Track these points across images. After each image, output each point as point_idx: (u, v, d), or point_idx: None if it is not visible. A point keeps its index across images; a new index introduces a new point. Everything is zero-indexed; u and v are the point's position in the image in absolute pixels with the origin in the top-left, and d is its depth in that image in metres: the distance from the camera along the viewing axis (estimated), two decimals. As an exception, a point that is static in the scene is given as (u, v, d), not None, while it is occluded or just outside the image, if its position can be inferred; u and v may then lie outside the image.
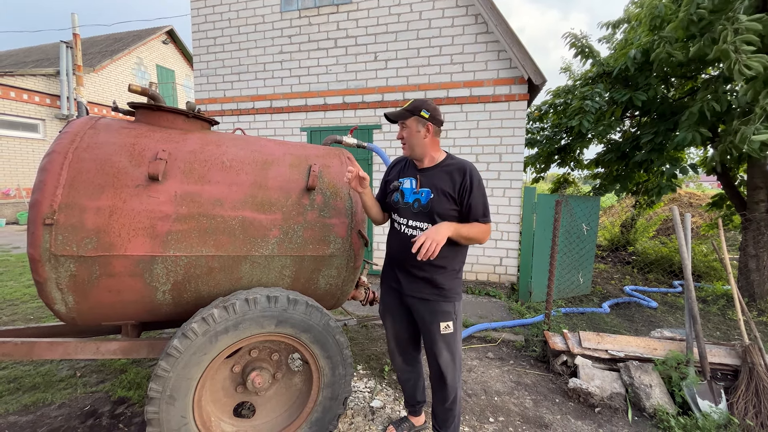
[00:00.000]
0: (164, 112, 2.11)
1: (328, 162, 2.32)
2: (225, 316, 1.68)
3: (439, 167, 1.81)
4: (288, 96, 5.14)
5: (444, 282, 1.80)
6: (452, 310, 1.82)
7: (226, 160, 2.02)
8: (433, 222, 1.74)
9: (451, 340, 1.83)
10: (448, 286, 1.81)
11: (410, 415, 2.21)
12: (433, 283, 1.81)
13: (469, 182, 1.72)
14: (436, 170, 1.80)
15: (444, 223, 1.66)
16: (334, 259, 2.16)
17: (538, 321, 3.75)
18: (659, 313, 4.34)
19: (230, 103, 5.40)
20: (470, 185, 1.71)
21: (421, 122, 1.76)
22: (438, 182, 1.77)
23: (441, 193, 1.75)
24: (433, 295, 1.81)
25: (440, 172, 1.79)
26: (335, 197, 2.18)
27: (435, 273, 1.80)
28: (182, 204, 1.83)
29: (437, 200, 1.75)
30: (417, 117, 1.76)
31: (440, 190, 1.75)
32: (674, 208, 2.79)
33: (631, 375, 2.43)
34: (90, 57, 13.47)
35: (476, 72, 4.41)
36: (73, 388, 2.51)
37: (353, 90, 4.87)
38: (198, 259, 1.86)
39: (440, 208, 1.74)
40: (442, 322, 1.81)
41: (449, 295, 1.81)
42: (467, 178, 1.72)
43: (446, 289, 1.80)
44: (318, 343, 1.88)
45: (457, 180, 1.74)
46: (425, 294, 1.83)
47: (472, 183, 1.71)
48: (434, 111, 1.77)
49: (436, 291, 1.81)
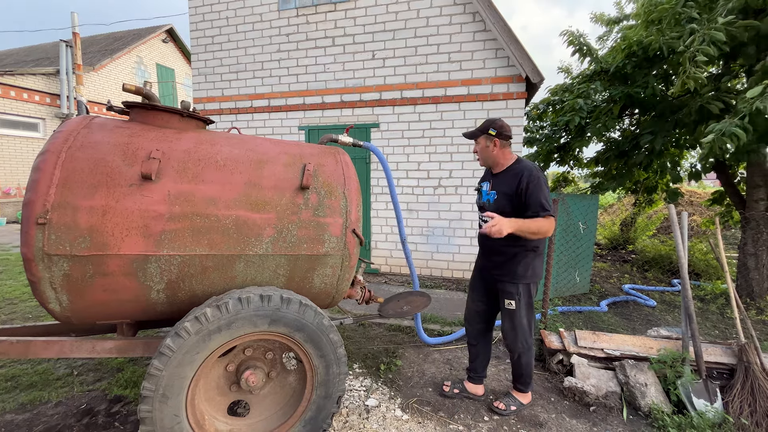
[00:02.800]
0: (159, 111, 2.11)
1: (323, 161, 2.32)
2: (218, 315, 1.68)
3: (505, 172, 2.20)
4: (286, 95, 5.14)
5: (511, 267, 2.18)
6: (515, 291, 2.17)
7: (220, 159, 2.02)
8: (517, 215, 2.09)
9: (513, 314, 2.20)
10: (514, 271, 2.17)
11: (467, 381, 2.53)
12: (502, 267, 2.21)
13: (525, 184, 2.05)
14: (503, 175, 2.20)
15: (509, 219, 1.99)
16: (328, 258, 2.16)
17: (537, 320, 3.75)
18: (657, 311, 4.34)
19: (228, 102, 5.39)
20: (527, 186, 2.05)
21: (489, 139, 2.17)
22: (502, 186, 2.18)
23: (503, 194, 2.16)
24: (502, 276, 2.22)
25: (506, 177, 2.18)
26: (330, 196, 2.18)
27: (503, 259, 2.20)
28: (176, 203, 1.83)
29: (500, 200, 2.17)
30: (486, 135, 2.18)
31: (503, 192, 2.16)
32: (671, 206, 2.79)
33: (626, 374, 2.43)
34: (90, 56, 13.48)
35: (474, 70, 4.40)
36: (70, 387, 2.52)
37: (351, 88, 4.86)
38: (192, 259, 1.86)
39: (503, 206, 2.13)
40: (506, 299, 2.21)
41: (514, 278, 2.18)
42: (524, 180, 2.06)
43: (511, 274, 2.18)
44: (312, 342, 1.88)
45: (516, 183, 2.09)
46: (496, 275, 2.25)
47: (529, 184, 2.04)
48: (500, 128, 2.15)
49: (504, 274, 2.21)
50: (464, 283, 4.74)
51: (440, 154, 4.61)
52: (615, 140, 6.26)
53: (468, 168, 4.48)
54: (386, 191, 4.88)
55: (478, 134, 2.21)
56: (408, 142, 4.76)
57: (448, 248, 4.68)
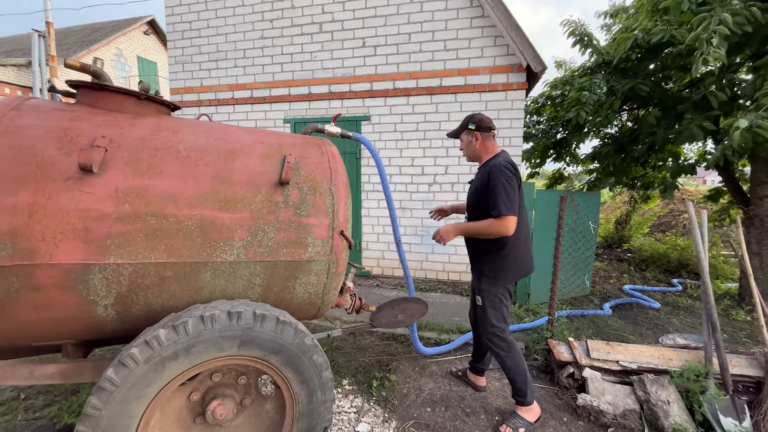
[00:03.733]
0: (109, 92, 1.79)
1: (306, 152, 2.02)
2: (174, 338, 1.37)
3: (483, 166, 2.16)
4: (270, 85, 4.79)
5: (478, 264, 2.22)
6: (484, 287, 2.16)
7: (183, 149, 1.71)
8: (469, 211, 2.22)
9: (480, 310, 2.20)
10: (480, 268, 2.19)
11: (469, 370, 2.56)
12: (473, 263, 2.29)
13: (488, 180, 2.01)
14: (481, 169, 2.17)
15: (457, 224, 2.12)
16: (312, 265, 1.87)
17: (538, 325, 3.52)
18: (662, 314, 4.14)
19: (208, 93, 5.03)
20: (488, 182, 2.01)
21: (470, 134, 2.16)
22: (476, 180, 2.16)
23: (475, 189, 2.15)
24: (473, 271, 2.29)
25: (481, 171, 2.15)
26: (314, 193, 1.88)
27: (473, 254, 2.27)
28: (125, 201, 1.51)
29: (472, 195, 2.18)
30: (467, 131, 2.17)
31: (475, 187, 2.15)
32: (689, 203, 2.56)
33: (646, 390, 2.19)
34: (65, 47, 12.85)
35: (471, 59, 4.13)
36: (14, 414, 2.18)
37: (340, 78, 4.55)
38: (146, 268, 1.54)
39: (474, 201, 2.14)
40: (476, 295, 2.24)
41: (480, 275, 2.19)
42: (488, 177, 2.01)
43: (478, 270, 2.21)
44: (291, 365, 1.58)
45: (485, 178, 2.04)
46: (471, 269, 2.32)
47: (490, 181, 1.99)
48: (479, 122, 2.13)
49: (473, 269, 2.28)
50: (461, 286, 4.48)
51: (435, 148, 4.34)
52: (612, 135, 6.10)
53: (465, 164, 4.21)
54: (378, 188, 4.59)
55: (459, 132, 2.21)
56: (401, 135, 4.48)
57: (444, 249, 4.41)
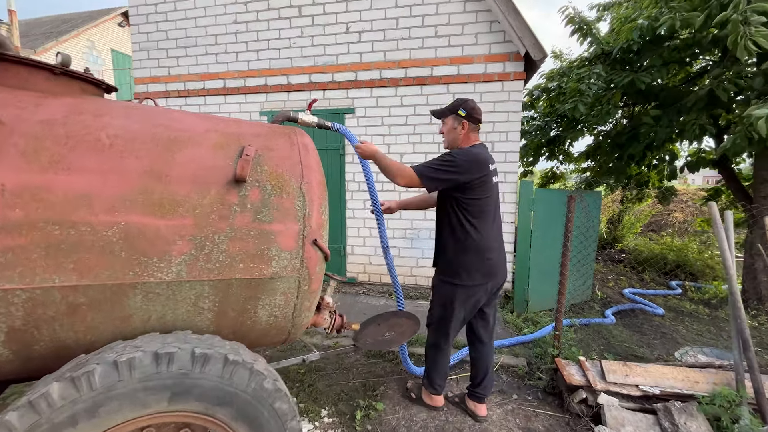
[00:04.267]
0: (10, 63, 1.39)
1: (271, 143, 1.65)
2: (72, 395, 0.99)
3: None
4: (244, 74, 4.38)
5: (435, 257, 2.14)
6: (435, 282, 2.12)
7: (106, 137, 1.32)
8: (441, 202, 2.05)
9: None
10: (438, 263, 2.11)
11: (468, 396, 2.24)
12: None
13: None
14: None
15: (377, 150, 1.98)
16: (278, 282, 1.50)
17: (540, 337, 3.22)
18: (668, 321, 3.89)
19: (176, 83, 4.57)
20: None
21: (458, 120, 1.97)
22: None
23: None
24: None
25: None
26: (280, 193, 1.51)
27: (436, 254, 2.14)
28: (15, 204, 1.12)
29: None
30: (455, 116, 1.98)
31: None
32: (712, 204, 2.27)
33: (674, 421, 1.89)
34: (32, 39, 12.08)
35: (465, 47, 3.80)
36: None
37: (321, 67, 4.16)
38: (48, 294, 1.16)
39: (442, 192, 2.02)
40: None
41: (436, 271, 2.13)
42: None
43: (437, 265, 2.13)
44: (245, 419, 1.21)
45: None
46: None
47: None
48: (471, 110, 1.96)
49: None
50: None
51: (426, 144, 4.00)
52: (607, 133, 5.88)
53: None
54: (364, 187, 4.23)
55: (447, 113, 2.01)
56: (388, 130, 4.12)
57: (435, 252, 4.07)
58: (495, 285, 2.03)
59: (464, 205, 1.90)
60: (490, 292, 2.03)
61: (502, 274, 2.05)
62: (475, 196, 1.88)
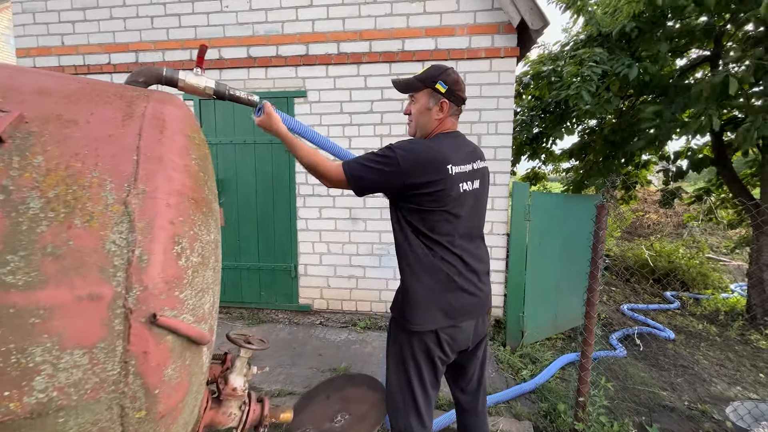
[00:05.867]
0: None
1: (74, 111, 0.79)
2: None
3: None
4: (163, 46, 3.40)
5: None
6: (390, 330, 1.42)
7: None
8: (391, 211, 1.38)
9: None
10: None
11: None
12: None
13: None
14: None
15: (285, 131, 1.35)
16: (63, 419, 0.63)
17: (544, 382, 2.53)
18: (681, 347, 3.32)
19: (72, 56, 3.51)
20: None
21: (435, 98, 1.34)
22: None
23: None
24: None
25: None
26: (70, 214, 0.64)
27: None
28: None
29: None
30: (431, 90, 1.33)
31: None
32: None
33: None
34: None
35: (444, 14, 3.03)
36: None
37: (263, 38, 3.26)
38: None
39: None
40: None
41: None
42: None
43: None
44: None
45: None
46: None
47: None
48: (454, 84, 1.33)
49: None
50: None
51: (397, 136, 3.20)
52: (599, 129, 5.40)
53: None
54: (318, 191, 3.38)
55: (418, 86, 1.35)
56: (349, 119, 3.28)
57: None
58: (470, 327, 1.33)
59: (414, 218, 1.29)
60: (467, 338, 1.33)
61: (479, 309, 1.35)
62: (425, 206, 1.26)
